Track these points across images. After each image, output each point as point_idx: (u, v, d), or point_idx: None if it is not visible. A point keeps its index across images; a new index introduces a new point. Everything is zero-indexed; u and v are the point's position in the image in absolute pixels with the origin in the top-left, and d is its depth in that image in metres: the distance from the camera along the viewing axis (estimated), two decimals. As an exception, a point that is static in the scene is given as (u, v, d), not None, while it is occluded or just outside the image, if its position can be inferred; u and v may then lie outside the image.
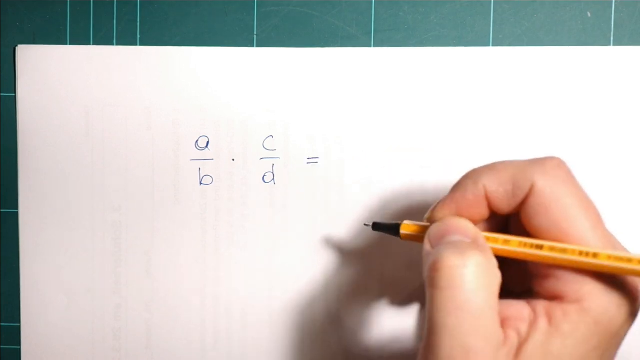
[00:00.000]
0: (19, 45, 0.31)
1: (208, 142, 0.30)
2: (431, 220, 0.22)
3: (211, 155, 0.30)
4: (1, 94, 0.31)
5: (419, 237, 0.23)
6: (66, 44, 0.31)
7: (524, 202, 0.21)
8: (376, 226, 0.25)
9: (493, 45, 0.29)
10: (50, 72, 0.30)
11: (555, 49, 0.29)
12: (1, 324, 0.32)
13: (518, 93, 0.29)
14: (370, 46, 0.30)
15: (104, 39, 0.31)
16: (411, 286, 0.30)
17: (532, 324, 0.20)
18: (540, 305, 0.20)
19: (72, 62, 0.30)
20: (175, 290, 0.31)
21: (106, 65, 0.30)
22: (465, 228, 0.21)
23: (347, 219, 0.30)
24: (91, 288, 0.31)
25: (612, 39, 0.29)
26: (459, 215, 0.22)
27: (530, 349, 0.19)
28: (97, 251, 0.31)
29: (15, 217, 0.31)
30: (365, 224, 0.26)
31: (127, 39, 0.31)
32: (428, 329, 0.19)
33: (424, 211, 0.29)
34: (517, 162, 0.21)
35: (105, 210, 0.31)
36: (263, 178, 0.30)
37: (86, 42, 0.31)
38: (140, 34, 0.30)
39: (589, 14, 0.29)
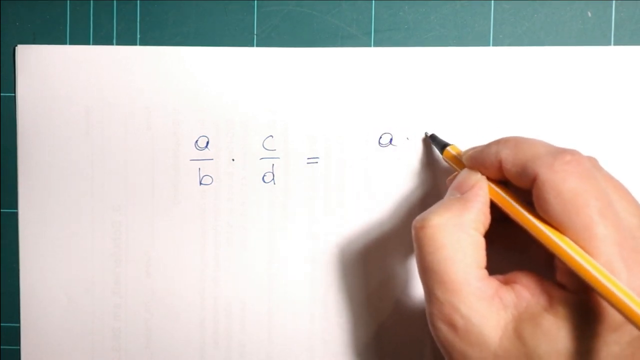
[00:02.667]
0: (19, 45, 0.31)
1: (208, 142, 0.30)
2: (463, 158, 0.25)
3: (211, 155, 0.30)
4: (1, 94, 0.31)
5: (452, 164, 0.27)
6: (66, 44, 0.31)
7: (532, 188, 0.21)
8: (432, 137, 0.29)
9: (493, 45, 0.29)
10: (50, 72, 0.30)
11: (555, 49, 0.29)
12: (1, 324, 0.32)
13: (518, 93, 0.29)
14: (370, 46, 0.30)
15: (103, 39, 0.31)
16: (412, 286, 0.30)
17: (534, 294, 0.21)
18: (549, 285, 0.21)
19: (71, 62, 0.30)
20: (175, 290, 0.31)
21: (106, 65, 0.30)
22: (463, 182, 0.23)
23: (347, 219, 0.30)
24: (91, 288, 0.31)
25: (612, 38, 0.29)
26: (475, 164, 0.24)
27: (526, 316, 0.20)
28: (97, 251, 0.31)
29: (15, 217, 0.31)
30: (425, 133, 0.29)
31: (126, 39, 0.30)
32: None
33: (424, 210, 0.29)
34: (538, 148, 0.22)
35: (105, 210, 0.31)
36: (263, 178, 0.30)
37: (86, 42, 0.31)
38: (140, 34, 0.30)
39: (589, 14, 0.29)
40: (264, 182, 0.30)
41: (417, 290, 0.30)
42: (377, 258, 0.30)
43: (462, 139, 0.29)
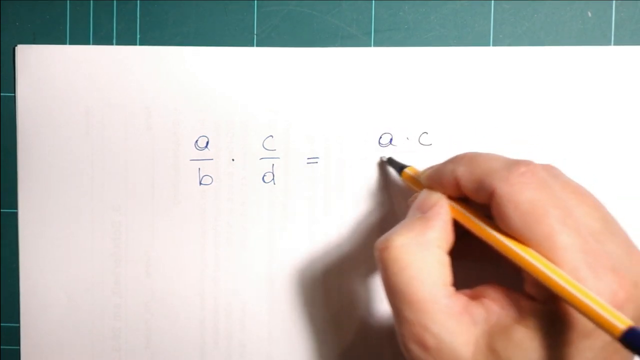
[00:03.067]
0: (19, 45, 0.31)
1: (208, 142, 0.30)
2: (421, 178, 0.25)
3: (211, 155, 0.30)
4: (1, 94, 0.31)
5: (411, 185, 0.27)
6: (66, 43, 0.31)
7: (490, 202, 0.21)
8: (389, 160, 0.29)
9: (493, 45, 0.29)
10: (50, 72, 0.30)
11: (555, 49, 0.29)
12: (1, 324, 0.32)
13: (518, 93, 0.29)
14: (370, 46, 0.30)
15: (103, 39, 0.31)
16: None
17: (504, 308, 0.20)
18: (517, 297, 0.21)
19: (71, 62, 0.30)
20: (175, 290, 0.31)
21: (106, 65, 0.30)
22: (424, 202, 0.23)
23: (347, 219, 0.30)
24: (91, 288, 0.31)
25: (612, 38, 0.29)
26: (434, 183, 0.24)
27: (497, 329, 0.20)
28: (97, 251, 0.31)
29: (15, 217, 0.31)
30: (381, 157, 0.29)
31: (127, 39, 0.30)
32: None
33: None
34: (493, 162, 0.22)
35: (105, 210, 0.31)
36: (263, 178, 0.30)
37: (86, 42, 0.31)
38: (140, 34, 0.30)
39: (589, 14, 0.29)
40: (264, 182, 0.30)
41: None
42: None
43: (462, 139, 0.29)
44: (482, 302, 0.21)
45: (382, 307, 0.30)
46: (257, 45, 0.30)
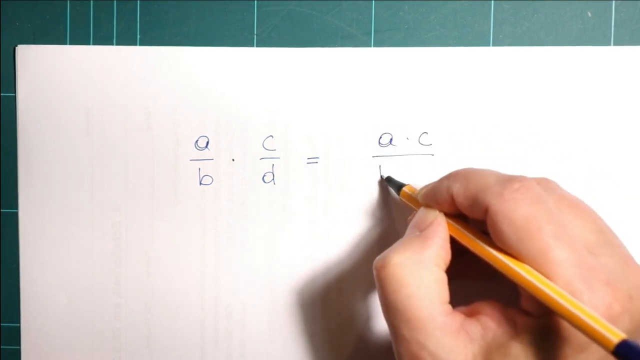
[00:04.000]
0: (19, 45, 0.31)
1: (208, 142, 0.30)
2: (418, 196, 0.25)
3: (211, 155, 0.30)
4: (1, 94, 0.31)
5: (408, 204, 0.27)
6: (66, 44, 0.31)
7: (485, 219, 0.21)
8: (388, 179, 0.29)
9: (493, 45, 0.29)
10: (50, 72, 0.30)
11: (555, 49, 0.29)
12: (1, 324, 0.32)
13: (518, 93, 0.29)
14: (370, 46, 0.30)
15: (103, 39, 0.31)
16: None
17: (500, 324, 0.21)
18: (513, 313, 0.21)
19: (71, 62, 0.30)
20: (175, 290, 0.31)
21: (106, 65, 0.30)
22: (421, 221, 0.24)
23: (347, 219, 0.30)
24: (91, 288, 0.31)
25: (612, 38, 0.29)
26: (429, 201, 0.24)
27: (493, 346, 0.20)
28: (97, 251, 0.31)
29: (15, 217, 0.31)
30: (381, 176, 0.29)
31: (127, 39, 0.31)
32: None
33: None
34: (487, 178, 0.22)
35: (105, 210, 0.31)
36: (263, 178, 0.30)
37: (86, 42, 0.31)
38: (140, 34, 0.30)
39: (589, 14, 0.29)
40: (264, 182, 0.30)
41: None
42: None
43: (462, 139, 0.29)
44: (478, 319, 0.21)
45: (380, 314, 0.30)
46: (257, 45, 0.30)
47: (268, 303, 0.30)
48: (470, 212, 0.22)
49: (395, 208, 0.30)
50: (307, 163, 0.30)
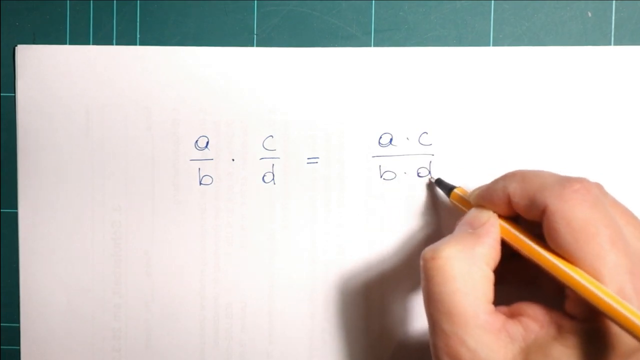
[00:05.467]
0: (19, 45, 0.31)
1: (208, 142, 0.30)
2: (470, 197, 0.25)
3: (211, 155, 0.30)
4: (1, 94, 0.31)
5: (459, 207, 0.27)
6: (66, 44, 0.31)
7: (541, 220, 0.21)
8: (438, 181, 0.29)
9: (493, 45, 0.29)
10: (50, 72, 0.30)
11: (555, 49, 0.29)
12: (1, 324, 0.32)
13: (518, 93, 0.29)
14: (370, 46, 0.30)
15: (103, 39, 0.31)
16: (413, 288, 0.30)
17: (543, 326, 0.20)
18: (557, 315, 0.21)
19: (71, 62, 0.30)
20: (175, 290, 0.31)
21: (106, 65, 0.30)
22: (475, 219, 0.23)
23: (347, 220, 0.30)
24: (91, 288, 0.31)
25: (612, 38, 0.29)
26: (483, 202, 0.24)
27: (534, 348, 0.20)
28: (97, 251, 0.31)
29: (15, 217, 0.31)
30: (430, 178, 0.29)
31: (127, 39, 0.30)
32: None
33: (424, 211, 0.29)
34: (546, 178, 0.22)
35: (105, 210, 0.31)
36: (263, 178, 0.30)
37: (86, 42, 0.31)
38: (140, 34, 0.30)
39: (589, 14, 0.29)
40: (264, 182, 0.30)
41: (414, 293, 0.30)
42: (378, 257, 0.30)
43: (462, 139, 0.29)
44: (520, 320, 0.21)
45: (385, 304, 0.30)
46: (257, 45, 0.30)
47: (268, 303, 0.30)
48: (526, 212, 0.22)
49: (397, 208, 0.30)
50: (307, 163, 0.30)
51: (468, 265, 0.21)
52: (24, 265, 0.31)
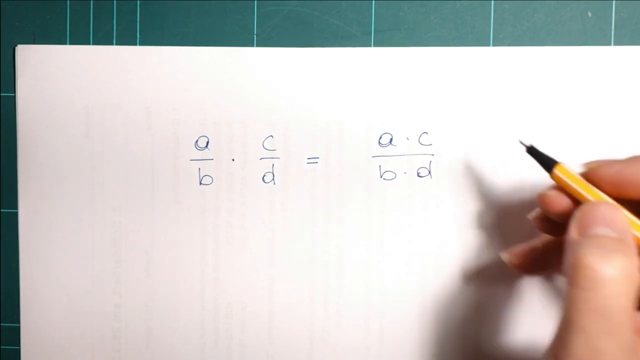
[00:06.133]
0: (19, 45, 0.31)
1: (208, 142, 0.30)
2: (591, 174, 0.22)
3: (211, 155, 0.30)
4: (1, 94, 0.31)
5: (568, 187, 0.22)
6: (66, 44, 0.31)
7: None
8: (532, 150, 0.24)
9: (493, 45, 0.29)
10: (50, 72, 0.30)
11: (555, 49, 0.29)
12: (1, 324, 0.32)
13: (518, 93, 0.29)
14: (370, 46, 0.30)
15: (104, 39, 0.31)
16: (412, 288, 0.30)
17: None
18: None
19: (71, 62, 0.30)
20: (175, 290, 0.31)
21: (106, 65, 0.30)
22: (615, 220, 0.20)
23: (347, 220, 0.30)
24: (91, 288, 0.31)
25: (612, 38, 0.29)
26: (619, 184, 0.21)
27: None
28: (97, 251, 0.31)
29: (15, 217, 0.31)
30: (520, 142, 0.24)
31: (127, 39, 0.30)
32: (562, 325, 0.19)
33: (424, 211, 0.29)
34: None
35: (105, 210, 0.31)
36: (263, 178, 0.30)
37: (86, 42, 0.31)
38: (140, 34, 0.30)
39: (589, 14, 0.29)
40: (264, 182, 0.30)
41: (414, 293, 0.30)
42: (378, 256, 0.30)
43: (462, 139, 0.29)
44: None
45: (384, 304, 0.30)
46: (257, 45, 0.30)
47: (268, 303, 0.30)
48: None
49: (397, 208, 0.30)
50: (307, 163, 0.30)
51: (635, 282, 0.19)
52: (24, 265, 0.31)
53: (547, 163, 0.23)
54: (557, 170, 0.23)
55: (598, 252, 0.19)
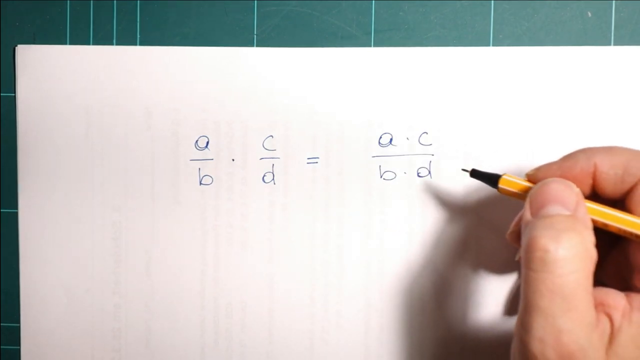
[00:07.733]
0: (19, 45, 0.31)
1: (208, 142, 0.30)
2: (533, 179, 0.23)
3: (211, 155, 0.30)
4: (1, 94, 0.31)
5: (516, 195, 0.23)
6: (66, 44, 0.31)
7: (631, 190, 0.20)
8: (475, 173, 0.25)
9: (493, 45, 0.29)
10: (50, 72, 0.30)
11: (555, 49, 0.29)
12: (1, 324, 0.32)
13: (518, 93, 0.29)
14: (370, 46, 0.30)
15: (104, 39, 0.31)
16: (412, 288, 0.30)
17: (626, 314, 0.20)
18: (638, 299, 0.20)
19: (72, 62, 0.30)
20: (175, 290, 0.31)
21: (106, 65, 0.30)
22: (566, 196, 0.21)
23: (347, 220, 0.30)
24: (91, 288, 0.31)
25: (612, 38, 0.29)
26: (567, 178, 0.22)
27: (623, 340, 0.19)
28: (97, 251, 0.31)
29: (15, 217, 0.31)
30: (462, 169, 0.26)
31: (127, 39, 0.31)
32: (522, 308, 0.20)
33: (425, 211, 0.29)
34: (632, 151, 0.21)
35: (105, 210, 0.31)
36: (263, 178, 0.30)
37: (86, 42, 0.31)
38: (140, 34, 0.30)
39: (589, 14, 0.29)
40: (264, 182, 0.30)
41: (414, 293, 0.30)
42: (378, 256, 0.30)
43: (462, 139, 0.29)
44: (603, 311, 0.20)
45: (383, 304, 0.30)
46: (257, 45, 0.30)
47: (268, 303, 0.30)
48: (613, 184, 0.21)
49: (397, 208, 0.30)
50: (307, 163, 0.30)
51: (588, 258, 0.20)
52: (24, 265, 0.31)
53: (492, 179, 0.24)
54: (501, 184, 0.24)
55: (549, 234, 0.19)
